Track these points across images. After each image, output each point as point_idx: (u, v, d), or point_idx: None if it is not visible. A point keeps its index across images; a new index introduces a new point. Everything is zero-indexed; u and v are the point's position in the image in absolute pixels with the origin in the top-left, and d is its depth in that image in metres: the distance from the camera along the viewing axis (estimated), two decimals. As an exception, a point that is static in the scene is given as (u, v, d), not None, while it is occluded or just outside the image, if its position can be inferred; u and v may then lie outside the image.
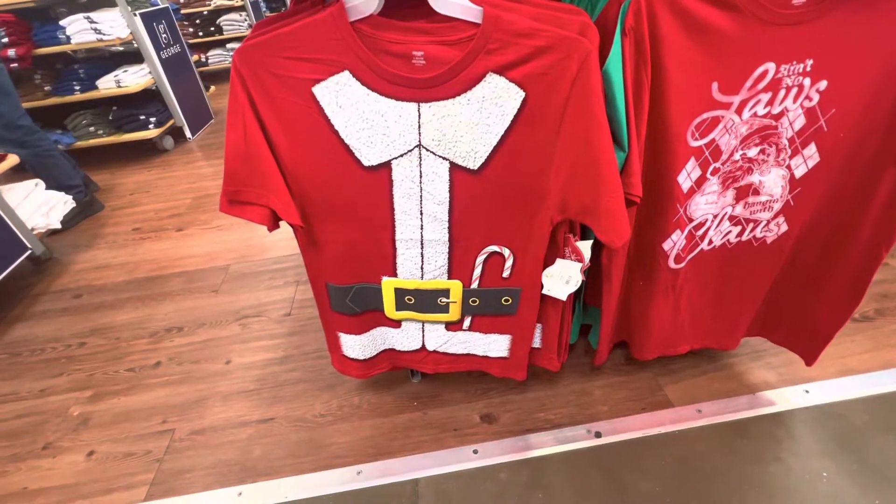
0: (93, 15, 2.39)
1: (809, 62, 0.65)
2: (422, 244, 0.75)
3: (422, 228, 0.73)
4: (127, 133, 2.66)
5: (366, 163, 0.66)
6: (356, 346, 0.91)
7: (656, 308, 0.91)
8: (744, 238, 0.84)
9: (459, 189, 0.68)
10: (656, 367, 1.08)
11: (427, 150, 0.65)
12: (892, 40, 0.62)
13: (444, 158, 0.65)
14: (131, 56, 2.73)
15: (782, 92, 0.67)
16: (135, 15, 2.50)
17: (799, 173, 0.75)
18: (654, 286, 0.88)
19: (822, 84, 0.67)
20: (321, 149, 0.65)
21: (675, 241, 0.82)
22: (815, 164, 0.74)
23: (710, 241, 0.83)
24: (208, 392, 1.16)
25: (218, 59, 4.43)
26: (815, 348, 0.92)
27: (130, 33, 2.50)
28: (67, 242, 1.94)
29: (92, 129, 2.65)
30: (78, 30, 2.39)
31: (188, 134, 2.96)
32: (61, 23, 2.39)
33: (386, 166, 0.66)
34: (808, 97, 0.68)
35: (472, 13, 0.54)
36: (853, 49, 0.63)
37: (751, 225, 0.82)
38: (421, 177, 0.67)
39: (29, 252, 1.64)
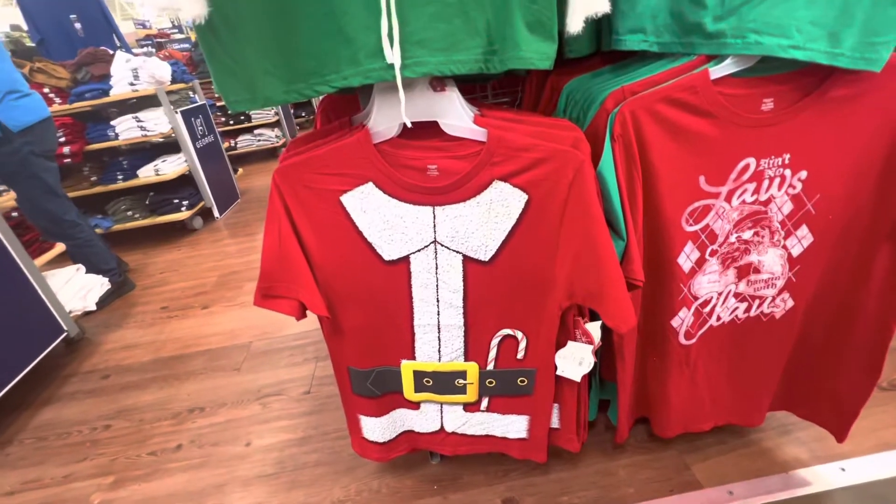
0: (140, 114, 2.68)
1: (787, 156, 0.71)
2: (439, 329, 0.79)
3: (438, 314, 0.78)
4: (161, 216, 2.86)
5: (386, 258, 0.73)
6: (376, 428, 0.92)
7: (673, 384, 0.91)
8: (752, 314, 0.86)
9: (472, 278, 0.74)
10: (681, 443, 1.06)
11: (442, 245, 0.71)
12: (862, 135, 0.69)
13: (457, 252, 0.72)
14: (170, 146, 3.00)
15: (766, 182, 0.73)
16: (176, 112, 2.79)
17: (795, 252, 0.79)
18: (667, 362, 0.89)
19: (803, 174, 0.73)
20: (347, 247, 0.72)
21: (682, 319, 0.84)
22: (810, 243, 0.78)
23: (719, 318, 0.86)
24: (228, 477, 1.16)
25: (246, 143, 4.81)
26: (844, 424, 0.90)
27: (171, 128, 2.77)
28: (99, 322, 2.03)
29: (130, 213, 2.85)
30: (126, 128, 2.68)
31: (216, 213, 3.16)
32: (112, 122, 2.68)
33: (405, 260, 0.73)
34: (791, 185, 0.74)
35: (478, 134, 0.63)
36: (826, 143, 0.70)
37: (756, 301, 0.84)
38: (437, 268, 0.73)
39: (65, 334, 1.72)
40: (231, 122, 4.76)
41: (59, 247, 1.82)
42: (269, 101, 0.58)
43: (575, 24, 0.60)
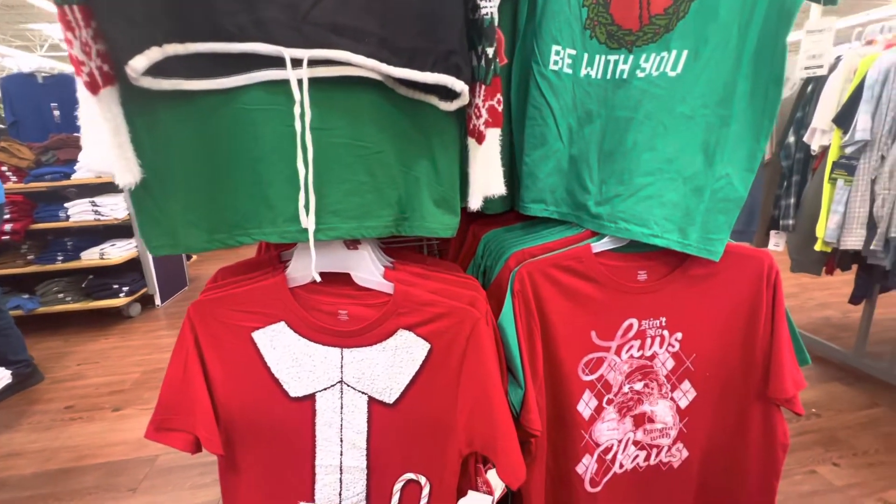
0: (97, 199, 2.69)
1: (663, 319, 0.81)
2: (341, 470, 0.77)
3: (341, 455, 0.76)
4: (96, 301, 2.72)
5: (293, 394, 0.73)
6: (266, 581, 0.83)
7: (583, 534, 0.90)
8: (651, 462, 0.89)
9: (377, 420, 0.74)
10: None
11: (348, 385, 0.73)
12: (721, 306, 0.80)
13: (363, 393, 0.73)
14: (122, 230, 2.96)
15: (649, 339, 0.82)
16: (136, 200, 2.81)
17: (683, 405, 0.86)
18: (577, 510, 0.89)
19: (679, 335, 0.82)
20: (253, 381, 0.72)
21: (587, 465, 0.86)
22: (694, 397, 0.85)
23: (622, 465, 0.88)
24: None
25: (207, 229, 4.81)
26: (748, 581, 0.89)
27: (128, 214, 2.77)
28: (-13, 421, 1.80)
29: (61, 295, 2.70)
30: (79, 211, 2.66)
31: (157, 301, 3.03)
32: (66, 204, 2.66)
33: (310, 398, 0.74)
34: (670, 344, 0.83)
35: (386, 287, 0.70)
36: (694, 310, 0.81)
37: (654, 450, 0.88)
38: (342, 408, 0.74)
39: (-63, 438, 1.51)
40: (196, 208, 4.80)
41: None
42: (190, 249, 0.63)
43: (475, 202, 0.71)
